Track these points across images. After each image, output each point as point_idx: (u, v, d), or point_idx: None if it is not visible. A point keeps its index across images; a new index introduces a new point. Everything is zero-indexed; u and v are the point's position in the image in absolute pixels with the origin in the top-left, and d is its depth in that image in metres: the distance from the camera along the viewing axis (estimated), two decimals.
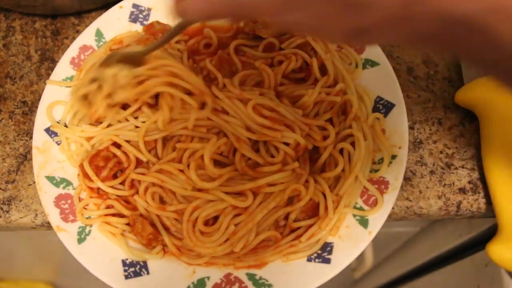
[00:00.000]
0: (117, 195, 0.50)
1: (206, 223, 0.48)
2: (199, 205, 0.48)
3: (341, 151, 0.51)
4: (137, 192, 0.49)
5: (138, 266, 0.48)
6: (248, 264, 0.48)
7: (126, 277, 0.47)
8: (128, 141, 0.50)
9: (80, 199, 0.50)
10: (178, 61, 0.50)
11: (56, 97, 0.53)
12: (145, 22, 0.57)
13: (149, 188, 0.49)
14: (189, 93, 0.49)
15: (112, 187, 0.50)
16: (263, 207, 0.48)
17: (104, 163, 0.50)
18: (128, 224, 0.49)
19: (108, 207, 0.50)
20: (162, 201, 0.50)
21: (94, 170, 0.49)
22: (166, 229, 0.49)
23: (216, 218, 0.48)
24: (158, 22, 0.56)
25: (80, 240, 0.48)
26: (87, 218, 0.49)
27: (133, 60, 0.47)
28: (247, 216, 0.47)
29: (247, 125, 0.48)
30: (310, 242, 0.48)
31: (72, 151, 0.51)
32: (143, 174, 0.49)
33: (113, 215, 0.49)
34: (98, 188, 0.50)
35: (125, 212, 0.49)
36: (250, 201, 0.47)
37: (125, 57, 0.47)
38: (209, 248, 0.47)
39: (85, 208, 0.49)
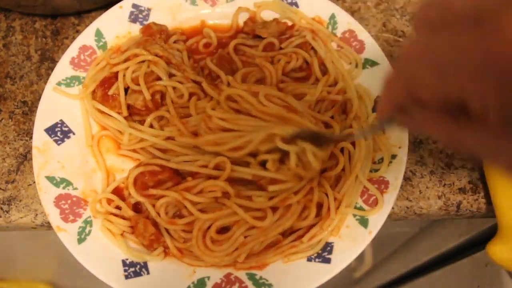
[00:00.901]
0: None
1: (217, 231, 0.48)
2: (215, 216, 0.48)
3: (341, 150, 0.51)
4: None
5: (138, 266, 0.48)
6: (249, 265, 0.48)
7: (126, 277, 0.47)
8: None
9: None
10: None
11: (56, 97, 0.53)
12: (145, 22, 0.57)
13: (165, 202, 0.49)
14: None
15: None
16: (278, 225, 0.48)
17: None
18: (130, 227, 0.49)
19: (117, 207, 0.50)
20: (175, 214, 0.50)
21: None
22: (168, 231, 0.49)
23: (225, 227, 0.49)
24: (154, 23, 0.56)
25: (80, 240, 0.48)
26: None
27: (317, 139, 0.47)
28: (260, 231, 0.48)
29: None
30: (312, 242, 0.48)
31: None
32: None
33: (117, 215, 0.49)
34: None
35: (128, 213, 0.49)
36: (269, 220, 0.47)
37: (311, 135, 0.47)
38: (217, 258, 0.47)
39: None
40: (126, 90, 0.53)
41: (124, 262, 0.48)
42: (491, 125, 0.21)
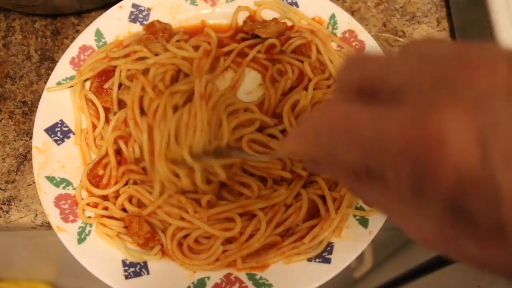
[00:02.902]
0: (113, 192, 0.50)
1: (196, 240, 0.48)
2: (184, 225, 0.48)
3: None
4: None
5: (138, 266, 0.48)
6: (250, 266, 0.48)
7: (126, 277, 0.47)
8: None
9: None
10: None
11: (56, 97, 0.53)
12: (145, 22, 0.57)
13: (124, 193, 0.49)
14: None
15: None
16: (259, 237, 0.47)
17: (104, 171, 0.50)
18: (124, 227, 0.49)
19: (105, 208, 0.50)
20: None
21: (93, 181, 0.50)
22: (163, 230, 0.49)
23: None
24: (158, 21, 0.56)
25: (80, 240, 0.48)
26: (87, 217, 0.49)
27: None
28: (238, 245, 0.47)
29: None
30: (313, 243, 0.48)
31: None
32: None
33: (109, 217, 0.49)
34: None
35: (117, 214, 0.49)
36: (238, 229, 0.47)
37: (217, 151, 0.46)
38: (197, 266, 0.47)
39: (88, 205, 0.50)
40: (121, 86, 0.53)
41: (124, 262, 0.48)
42: (400, 194, 0.22)
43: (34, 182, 0.51)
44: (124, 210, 0.50)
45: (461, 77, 0.19)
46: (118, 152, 0.51)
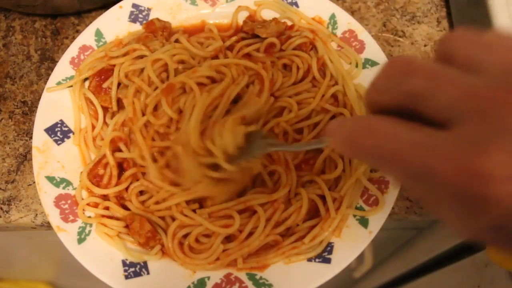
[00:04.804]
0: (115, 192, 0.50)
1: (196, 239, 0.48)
2: (185, 223, 0.48)
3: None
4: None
5: (138, 266, 0.48)
6: (250, 266, 0.48)
7: (126, 277, 0.47)
8: None
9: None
10: None
11: (56, 97, 0.53)
12: (145, 22, 0.57)
13: (136, 187, 0.50)
14: None
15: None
16: (259, 234, 0.47)
17: (104, 170, 0.50)
18: (125, 227, 0.49)
19: (105, 208, 0.50)
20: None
21: (94, 180, 0.50)
22: (164, 230, 0.49)
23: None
24: (158, 20, 0.56)
25: (80, 240, 0.48)
26: (87, 217, 0.49)
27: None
28: (238, 243, 0.47)
29: None
30: (313, 243, 0.48)
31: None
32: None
33: (109, 217, 0.49)
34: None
35: (120, 213, 0.49)
36: (237, 226, 0.47)
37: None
38: (198, 265, 0.47)
39: (88, 205, 0.50)
40: (120, 84, 0.53)
41: (124, 262, 0.48)
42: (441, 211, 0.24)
43: (34, 182, 0.51)
44: (125, 209, 0.50)
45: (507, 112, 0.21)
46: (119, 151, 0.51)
